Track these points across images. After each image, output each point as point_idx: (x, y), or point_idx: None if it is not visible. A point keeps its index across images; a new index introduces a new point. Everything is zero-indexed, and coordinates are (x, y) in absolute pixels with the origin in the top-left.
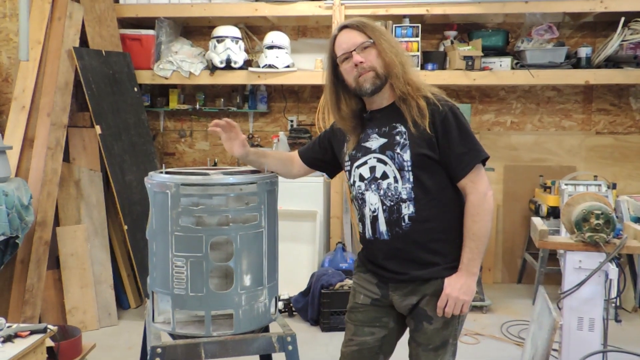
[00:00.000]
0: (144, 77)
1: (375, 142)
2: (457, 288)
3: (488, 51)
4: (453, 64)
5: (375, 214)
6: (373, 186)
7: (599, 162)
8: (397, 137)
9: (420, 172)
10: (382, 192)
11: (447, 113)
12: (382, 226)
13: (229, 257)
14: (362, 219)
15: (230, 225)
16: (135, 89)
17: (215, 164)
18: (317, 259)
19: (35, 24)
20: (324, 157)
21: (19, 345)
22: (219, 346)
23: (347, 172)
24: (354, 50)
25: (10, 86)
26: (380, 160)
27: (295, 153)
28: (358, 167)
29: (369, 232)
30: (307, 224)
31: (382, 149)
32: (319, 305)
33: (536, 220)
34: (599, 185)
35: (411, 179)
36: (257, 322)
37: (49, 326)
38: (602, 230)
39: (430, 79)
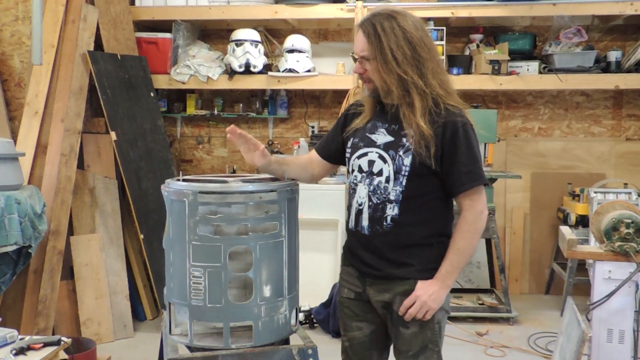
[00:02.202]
0: (161, 81)
1: (381, 137)
2: (428, 293)
3: (515, 55)
4: (479, 68)
5: (361, 207)
6: (367, 180)
7: (629, 170)
8: (404, 140)
9: (415, 180)
10: (372, 188)
11: (459, 128)
12: (365, 221)
13: (248, 267)
14: (349, 208)
15: (250, 234)
16: (152, 94)
17: (234, 171)
18: (338, 269)
19: (48, 27)
20: (340, 147)
21: (32, 358)
22: (237, 359)
23: (346, 159)
24: (357, 58)
25: (23, 91)
26: (381, 157)
27: (313, 151)
28: (358, 157)
29: (352, 223)
30: (328, 233)
31: (386, 147)
32: None
33: (564, 229)
34: (629, 193)
35: (404, 183)
36: (277, 334)
37: (63, 338)
38: (632, 239)
39: (456, 83)
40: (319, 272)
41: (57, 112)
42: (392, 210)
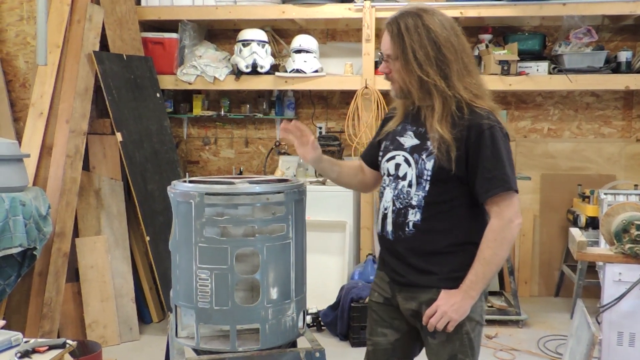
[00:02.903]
0: (167, 82)
1: (409, 140)
2: (450, 303)
3: (524, 55)
4: (488, 68)
5: (386, 211)
6: (393, 184)
7: (639, 171)
8: (428, 143)
9: (438, 185)
10: (396, 192)
11: (484, 131)
12: (389, 226)
13: (255, 269)
14: (377, 212)
15: (257, 236)
16: (158, 95)
17: (240, 173)
18: (346, 272)
19: (53, 27)
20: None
21: None
22: None
23: (379, 162)
24: (384, 57)
25: (28, 92)
26: (406, 161)
27: (360, 159)
28: (387, 160)
29: (379, 227)
30: (336, 234)
31: (412, 150)
32: (349, 319)
33: (574, 231)
34: None
35: (426, 188)
36: (285, 337)
37: (68, 341)
38: None
39: None
40: (327, 275)
41: (62, 113)
42: (414, 216)
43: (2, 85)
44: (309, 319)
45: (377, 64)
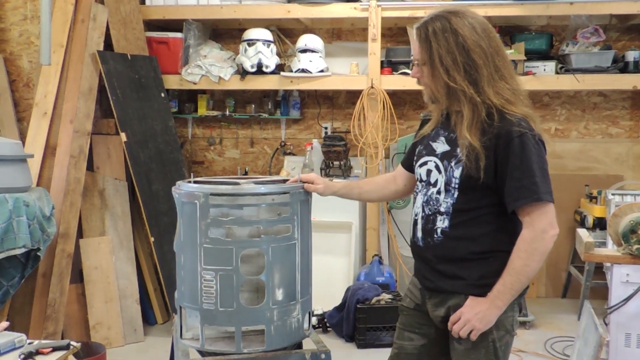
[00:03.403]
0: (172, 82)
1: (441, 146)
2: (474, 312)
3: (531, 55)
4: None
5: (416, 218)
6: (424, 190)
7: None
8: (457, 150)
9: (466, 192)
10: (426, 198)
11: (514, 139)
12: (419, 232)
13: (260, 270)
14: (410, 218)
15: (262, 237)
16: (162, 95)
17: (246, 173)
18: (352, 273)
19: (57, 27)
20: None
21: None
22: None
23: (414, 166)
24: (415, 62)
25: (32, 91)
26: (437, 167)
27: (399, 167)
28: (420, 166)
29: (411, 233)
30: (342, 235)
31: (442, 156)
32: (355, 320)
33: (582, 232)
34: None
35: (455, 195)
36: (290, 338)
37: (72, 343)
38: None
39: None
40: (332, 276)
41: (66, 113)
42: (442, 223)
43: (5, 85)
44: (314, 320)
45: (382, 64)
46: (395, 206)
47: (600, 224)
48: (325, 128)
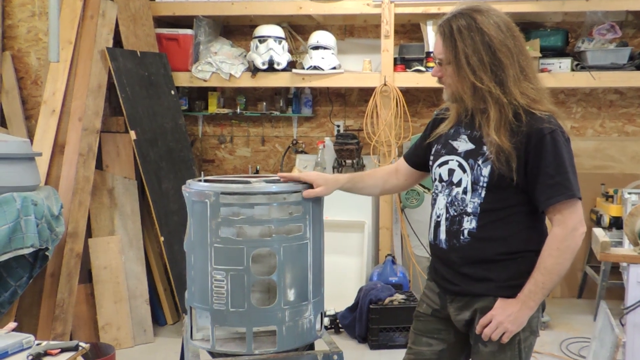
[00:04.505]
0: (182, 79)
1: (463, 144)
2: (506, 313)
3: (547, 52)
4: None
5: (439, 219)
6: (446, 191)
7: None
8: (484, 148)
9: (494, 192)
10: (450, 199)
11: (545, 136)
12: (442, 234)
13: (271, 270)
14: (430, 220)
15: (273, 236)
16: (172, 92)
17: (257, 172)
18: (365, 273)
19: (66, 23)
20: (427, 154)
21: None
22: None
23: (430, 167)
24: (437, 61)
25: (40, 89)
26: (460, 166)
27: (400, 160)
28: (440, 165)
29: (431, 236)
30: (354, 235)
31: (466, 155)
32: (367, 321)
33: (597, 232)
34: None
35: (482, 195)
36: (302, 339)
37: (81, 344)
38: None
39: None
40: (345, 276)
41: (74, 110)
42: (469, 224)
43: (13, 83)
44: (326, 320)
45: (396, 61)
46: (408, 205)
47: (616, 223)
48: (338, 126)
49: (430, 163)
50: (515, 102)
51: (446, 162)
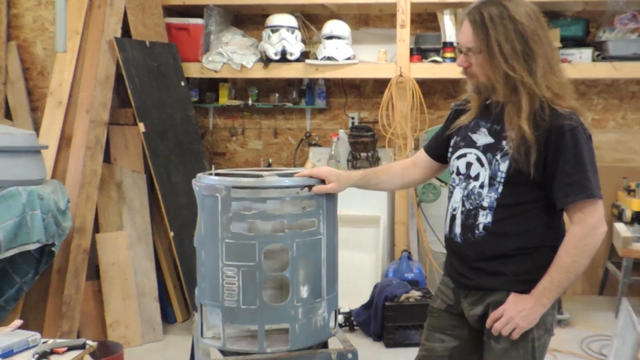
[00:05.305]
0: (192, 70)
1: (482, 137)
2: (518, 309)
3: (567, 42)
4: None
5: (454, 212)
6: (463, 184)
7: None
8: (503, 142)
9: (511, 187)
10: (466, 192)
11: (566, 133)
12: (458, 228)
13: (284, 266)
14: (446, 213)
15: (286, 231)
16: (182, 83)
17: (269, 165)
18: (380, 269)
19: (73, 12)
20: (447, 146)
21: None
22: None
23: (448, 159)
24: (463, 50)
25: (46, 80)
26: (478, 160)
27: (419, 153)
28: (458, 158)
29: (446, 229)
30: (369, 230)
31: (485, 149)
32: (383, 319)
33: (619, 227)
34: None
35: (499, 190)
36: (315, 337)
37: (88, 342)
38: None
39: None
40: (360, 272)
41: (82, 102)
42: (484, 218)
43: (19, 73)
44: (340, 318)
45: (412, 51)
46: (425, 199)
47: (638, 218)
48: (352, 118)
49: (449, 155)
50: (540, 94)
51: (464, 155)
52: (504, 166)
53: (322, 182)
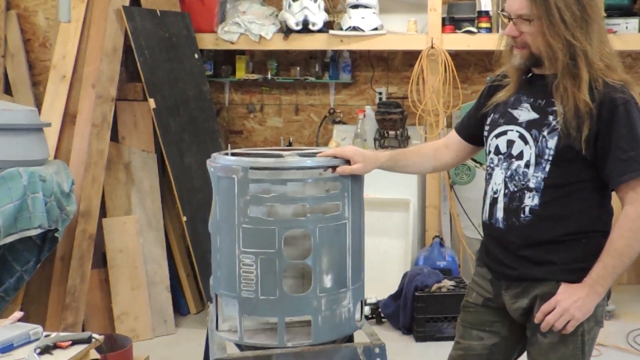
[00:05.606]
0: (206, 41)
1: (525, 113)
2: (572, 299)
3: (612, 11)
4: None
5: (495, 195)
6: (505, 164)
7: None
8: (550, 117)
9: (560, 166)
10: (509, 173)
11: (619, 107)
12: (500, 212)
13: (306, 253)
14: (484, 197)
15: (308, 216)
16: (196, 56)
17: (290, 144)
18: (410, 256)
19: None
20: (481, 125)
21: (59, 357)
22: (294, 359)
23: (484, 138)
24: (513, 18)
25: (49, 52)
26: (521, 137)
27: (451, 134)
28: (497, 136)
29: (485, 214)
30: (398, 214)
31: (528, 125)
32: (413, 310)
33: None
34: None
35: (547, 169)
36: (339, 330)
37: (94, 335)
38: None
39: None
40: (388, 260)
41: (87, 76)
42: (531, 200)
43: (19, 45)
44: (367, 310)
45: (444, 21)
46: (458, 181)
47: None
48: (380, 93)
49: (485, 134)
50: (595, 64)
51: (504, 133)
52: (552, 143)
53: (347, 162)
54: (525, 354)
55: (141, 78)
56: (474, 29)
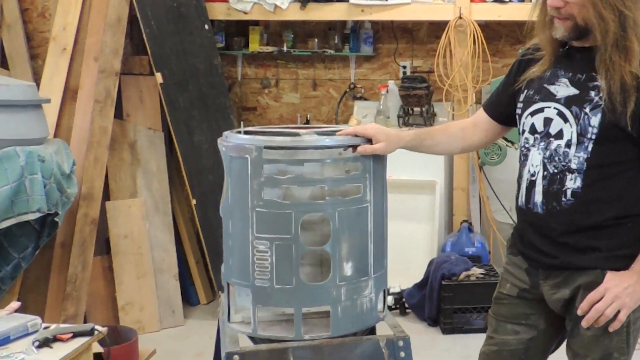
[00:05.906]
0: (217, 11)
1: (563, 89)
2: (622, 286)
3: None
4: None
5: (533, 178)
6: (542, 144)
7: None
8: (592, 93)
9: (604, 144)
10: (548, 153)
11: None
12: (538, 196)
13: (324, 239)
14: (519, 180)
15: (327, 199)
16: (206, 27)
17: (307, 122)
18: (436, 242)
19: None
20: (513, 103)
21: (59, 351)
22: (311, 352)
23: (517, 117)
24: None
25: (48, 23)
26: (560, 114)
27: (479, 112)
28: (532, 114)
29: (522, 199)
30: (423, 197)
31: (568, 102)
32: (439, 300)
33: None
34: None
35: (589, 149)
36: (361, 322)
37: (97, 327)
38: None
39: None
40: (412, 246)
41: (89, 48)
42: (573, 183)
43: (16, 15)
44: (390, 299)
45: None
46: (488, 162)
47: None
48: (404, 67)
49: (519, 112)
50: None
51: (541, 110)
52: (595, 120)
53: (369, 141)
54: (563, 346)
55: (147, 51)
56: None
